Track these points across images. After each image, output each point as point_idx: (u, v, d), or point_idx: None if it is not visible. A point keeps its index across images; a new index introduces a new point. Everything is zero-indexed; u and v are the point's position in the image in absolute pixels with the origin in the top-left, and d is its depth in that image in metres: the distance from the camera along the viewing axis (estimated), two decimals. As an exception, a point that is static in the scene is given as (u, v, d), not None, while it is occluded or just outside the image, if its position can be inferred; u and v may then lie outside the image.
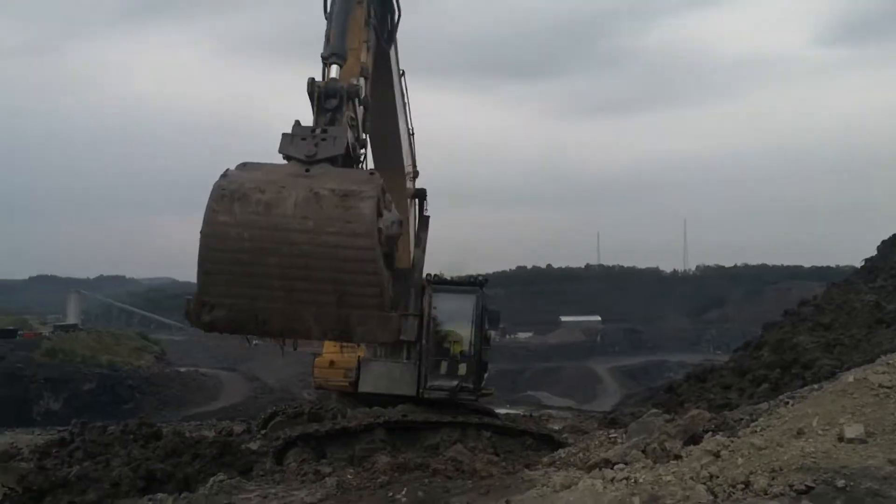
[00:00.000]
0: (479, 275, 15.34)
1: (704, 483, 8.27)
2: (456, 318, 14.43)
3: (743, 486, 8.04)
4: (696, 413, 12.05)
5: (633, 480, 8.64)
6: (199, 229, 8.12)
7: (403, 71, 13.54)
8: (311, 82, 9.41)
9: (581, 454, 12.88)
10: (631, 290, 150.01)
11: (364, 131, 10.00)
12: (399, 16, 12.12)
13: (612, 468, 9.64)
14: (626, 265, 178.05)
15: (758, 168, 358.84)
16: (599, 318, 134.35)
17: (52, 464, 12.96)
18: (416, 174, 15.16)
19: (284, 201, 8.08)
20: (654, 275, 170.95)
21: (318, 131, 8.99)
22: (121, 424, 14.76)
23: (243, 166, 8.66)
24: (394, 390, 14.57)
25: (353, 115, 9.35)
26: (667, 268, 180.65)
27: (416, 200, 15.33)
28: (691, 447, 10.13)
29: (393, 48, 12.71)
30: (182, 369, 76.18)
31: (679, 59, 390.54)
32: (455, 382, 14.00)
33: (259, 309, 8.46)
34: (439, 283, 14.90)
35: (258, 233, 8.07)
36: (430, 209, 15.59)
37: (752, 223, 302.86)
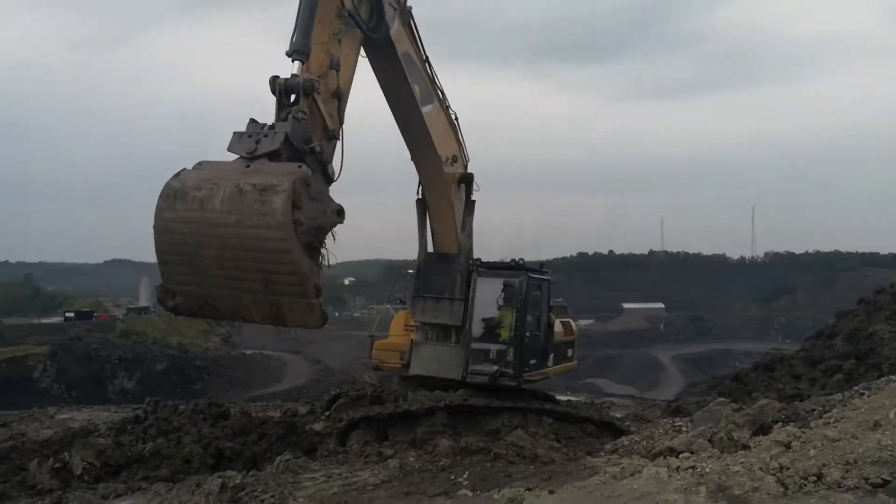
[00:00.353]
0: (516, 259, 15.15)
1: (774, 474, 8.07)
2: (491, 302, 14.32)
3: (815, 478, 7.82)
4: (765, 403, 11.75)
5: (699, 470, 8.49)
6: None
7: (427, 57, 13.40)
8: (273, 80, 9.83)
9: (644, 442, 12.71)
10: (696, 276, 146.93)
11: (339, 123, 10.50)
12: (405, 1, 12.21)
13: (677, 457, 9.49)
14: (690, 251, 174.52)
15: (831, 150, 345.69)
16: (663, 306, 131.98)
17: (127, 440, 13.43)
18: (457, 159, 14.79)
19: (214, 197, 8.86)
20: (720, 261, 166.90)
21: (265, 128, 9.50)
22: (191, 404, 15.17)
23: (199, 165, 9.51)
24: (441, 373, 14.63)
25: (304, 111, 9.71)
26: (734, 254, 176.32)
27: (464, 185, 15.17)
28: (760, 437, 9.91)
29: (405, 33, 12.71)
30: (248, 351, 78.33)
31: (750, 39, 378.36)
32: (495, 367, 13.93)
33: (208, 295, 9.43)
34: (485, 267, 14.87)
35: (195, 227, 8.96)
36: (493, 195, 15.48)
37: (824, 208, 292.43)
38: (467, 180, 15.18)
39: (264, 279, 8.97)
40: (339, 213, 9.23)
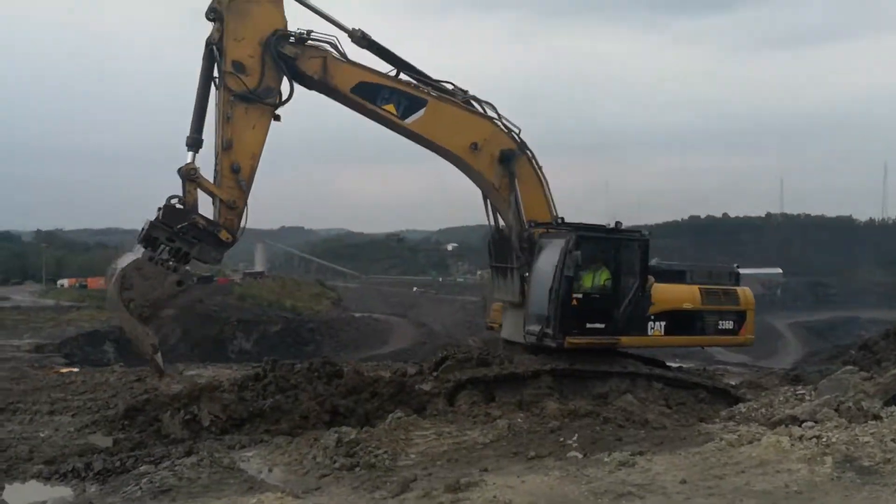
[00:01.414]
0: (559, 219, 14.96)
1: (909, 446, 7.58)
2: (546, 264, 14.14)
3: (956, 451, 7.29)
4: (898, 372, 11.04)
5: (824, 439, 8.09)
6: None
7: (400, 67, 14.04)
8: (179, 170, 12.30)
9: (763, 410, 12.26)
10: (818, 240, 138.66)
11: (240, 192, 12.59)
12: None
13: (799, 426, 9.10)
14: (812, 213, 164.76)
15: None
16: (780, 271, 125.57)
17: (249, 396, 14.11)
18: (480, 145, 14.34)
19: (112, 279, 12.32)
20: (846, 224, 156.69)
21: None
22: (306, 363, 15.74)
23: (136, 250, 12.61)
24: (514, 337, 15.09)
25: (180, 197, 12.30)
26: (862, 216, 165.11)
27: (505, 163, 14.57)
28: (893, 408, 9.35)
29: (349, 68, 13.44)
30: (357, 314, 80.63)
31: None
32: (539, 328, 13.97)
33: None
34: (545, 229, 14.73)
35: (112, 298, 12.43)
36: (604, 155, 15.11)
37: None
38: (504, 158, 14.63)
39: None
40: (179, 284, 12.06)
